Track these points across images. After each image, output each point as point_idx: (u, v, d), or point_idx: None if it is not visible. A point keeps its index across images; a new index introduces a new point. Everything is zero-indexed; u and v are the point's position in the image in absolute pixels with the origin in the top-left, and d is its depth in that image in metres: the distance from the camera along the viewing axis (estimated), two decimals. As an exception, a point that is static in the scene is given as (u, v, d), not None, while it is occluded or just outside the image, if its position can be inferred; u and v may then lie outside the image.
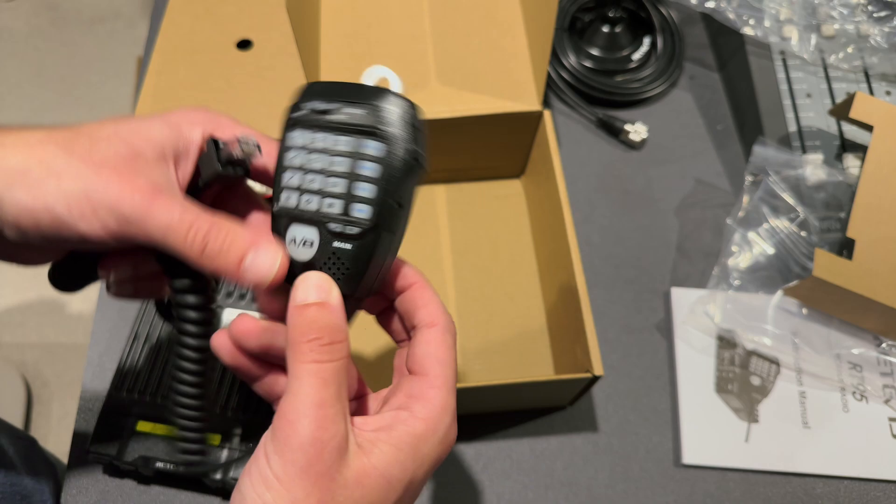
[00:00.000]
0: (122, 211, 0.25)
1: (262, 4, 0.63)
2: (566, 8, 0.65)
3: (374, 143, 0.25)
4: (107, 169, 0.25)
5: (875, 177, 0.48)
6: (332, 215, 0.26)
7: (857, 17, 0.57)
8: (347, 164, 0.25)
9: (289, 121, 0.27)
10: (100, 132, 0.26)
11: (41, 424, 1.10)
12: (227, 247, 0.26)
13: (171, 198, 0.26)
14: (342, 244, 0.26)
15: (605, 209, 0.58)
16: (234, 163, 0.28)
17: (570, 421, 0.49)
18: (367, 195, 0.25)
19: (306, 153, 0.26)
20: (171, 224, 0.25)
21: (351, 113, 0.26)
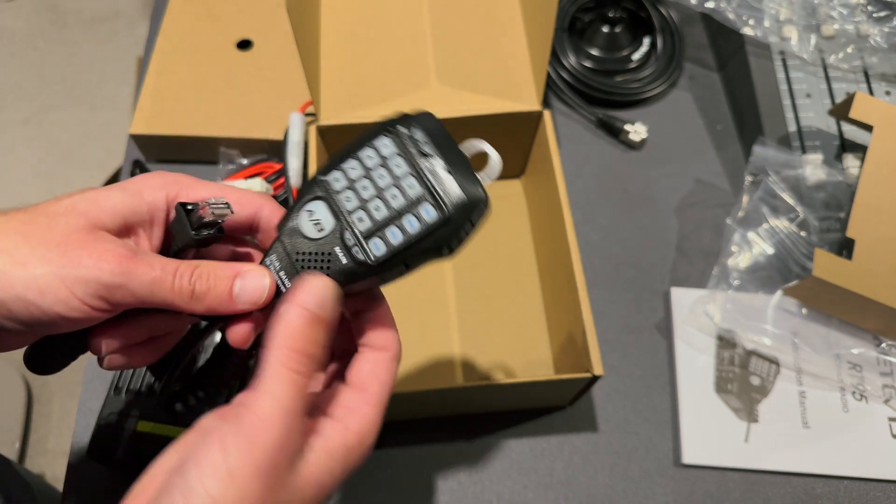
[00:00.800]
0: (102, 280, 0.24)
1: (262, 4, 0.63)
2: (566, 8, 0.65)
3: (433, 212, 0.26)
4: (71, 246, 0.25)
5: (875, 177, 0.48)
6: (356, 228, 0.26)
7: (856, 17, 0.57)
8: (400, 204, 0.26)
9: (389, 126, 0.27)
10: (56, 208, 0.26)
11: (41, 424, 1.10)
12: (213, 283, 0.26)
13: (148, 256, 0.26)
14: (341, 254, 0.26)
15: (605, 209, 0.58)
16: (206, 226, 0.28)
17: (570, 421, 0.49)
18: (392, 242, 0.26)
19: (380, 164, 0.27)
20: (154, 277, 0.25)
21: (437, 171, 0.26)
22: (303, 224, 0.27)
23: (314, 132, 0.49)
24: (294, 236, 0.27)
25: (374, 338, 0.28)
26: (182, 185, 0.29)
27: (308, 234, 0.27)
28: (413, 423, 0.48)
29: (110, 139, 1.41)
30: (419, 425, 0.48)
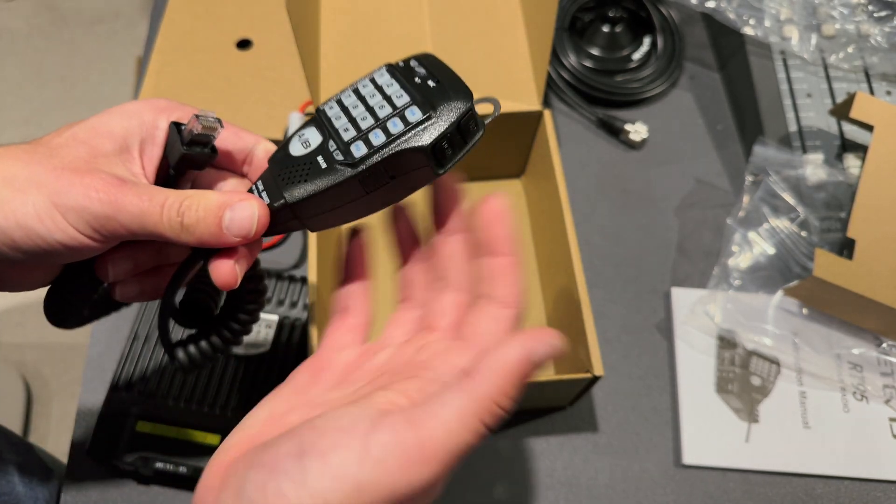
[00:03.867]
0: (92, 210, 0.24)
1: (262, 4, 0.63)
2: (566, 8, 0.65)
3: (417, 112, 0.25)
4: (67, 172, 0.25)
5: (875, 177, 0.48)
6: (341, 137, 0.26)
7: (857, 16, 0.57)
8: (386, 113, 0.26)
9: (391, 64, 0.28)
10: (57, 139, 0.26)
11: (41, 424, 1.10)
12: (202, 214, 0.26)
13: (137, 185, 0.25)
14: (321, 161, 0.26)
15: (606, 209, 0.58)
16: (197, 141, 0.28)
17: (570, 421, 0.49)
18: (374, 142, 0.25)
19: (373, 88, 0.27)
20: (142, 209, 0.25)
21: (428, 84, 0.26)
22: (292, 146, 0.27)
23: (314, 132, 0.49)
24: (281, 158, 0.27)
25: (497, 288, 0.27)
26: (184, 111, 0.29)
27: (294, 153, 0.27)
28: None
29: (110, 139, 1.41)
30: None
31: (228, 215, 0.26)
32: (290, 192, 0.26)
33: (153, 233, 0.25)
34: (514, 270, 0.28)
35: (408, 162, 0.25)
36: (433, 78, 0.26)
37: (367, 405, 0.23)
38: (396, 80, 0.27)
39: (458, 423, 0.21)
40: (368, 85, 0.27)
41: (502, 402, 0.21)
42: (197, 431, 0.44)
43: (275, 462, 0.21)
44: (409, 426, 0.20)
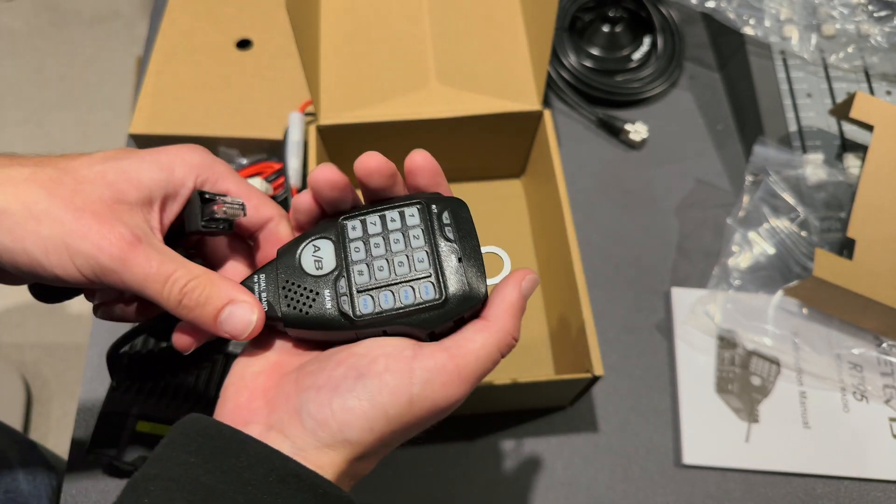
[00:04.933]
0: (99, 261, 0.25)
1: (262, 4, 0.63)
2: (566, 8, 0.65)
3: (431, 293, 0.26)
4: (87, 214, 0.25)
5: (875, 177, 0.48)
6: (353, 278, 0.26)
7: (857, 16, 0.57)
8: (403, 273, 0.26)
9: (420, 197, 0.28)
10: (86, 172, 0.26)
11: (41, 424, 1.10)
12: (203, 300, 0.26)
13: (150, 247, 0.26)
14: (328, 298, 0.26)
15: (606, 209, 0.58)
16: (216, 220, 0.28)
17: (570, 421, 0.49)
18: (382, 305, 0.26)
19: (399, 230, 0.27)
20: (147, 276, 0.25)
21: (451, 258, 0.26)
22: (304, 256, 0.27)
23: (314, 132, 0.49)
24: (290, 263, 0.27)
25: None
26: (214, 171, 0.29)
27: (305, 267, 0.27)
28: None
29: (110, 139, 1.41)
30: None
31: (227, 311, 0.27)
32: (288, 315, 0.27)
33: (151, 297, 0.26)
34: None
35: (406, 332, 0.27)
36: (458, 248, 0.26)
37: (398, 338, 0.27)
38: (423, 230, 0.27)
39: (485, 353, 0.26)
40: (396, 219, 0.27)
41: (514, 334, 0.27)
42: (197, 431, 0.44)
43: (334, 383, 0.25)
44: (447, 355, 0.25)
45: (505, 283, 0.27)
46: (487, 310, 0.27)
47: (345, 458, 0.24)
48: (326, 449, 0.24)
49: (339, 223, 0.27)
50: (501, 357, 0.27)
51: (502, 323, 0.26)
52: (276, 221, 0.31)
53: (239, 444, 0.24)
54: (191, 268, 0.27)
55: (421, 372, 0.25)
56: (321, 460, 0.24)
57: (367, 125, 0.50)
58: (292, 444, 0.24)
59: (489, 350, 0.26)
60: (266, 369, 0.27)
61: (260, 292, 0.27)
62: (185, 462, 0.23)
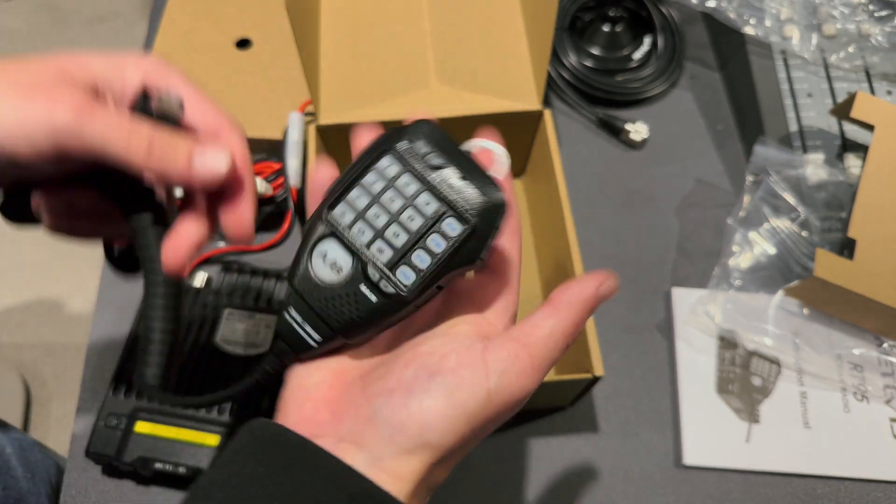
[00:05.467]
0: (55, 121, 0.23)
1: (262, 4, 0.63)
2: (566, 7, 0.64)
3: (457, 226, 0.24)
4: (36, 88, 0.24)
5: (876, 176, 0.48)
6: (377, 261, 0.24)
7: (858, 16, 0.57)
8: (420, 225, 0.24)
9: (384, 143, 0.25)
10: (34, 58, 0.25)
11: (40, 424, 1.10)
12: (172, 148, 0.25)
13: (106, 108, 0.25)
14: (368, 293, 0.24)
15: (606, 209, 0.58)
16: (161, 118, 0.27)
17: (570, 421, 0.49)
18: (421, 267, 0.24)
19: (387, 188, 0.24)
20: (110, 129, 0.24)
21: (451, 181, 0.24)
22: (318, 269, 0.25)
23: (313, 132, 0.49)
24: (310, 284, 0.25)
25: None
26: (166, 76, 0.28)
27: (326, 279, 0.25)
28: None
29: (110, 139, 1.41)
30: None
31: (199, 155, 0.26)
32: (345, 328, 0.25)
33: (115, 154, 0.24)
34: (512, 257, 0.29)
35: (459, 275, 0.25)
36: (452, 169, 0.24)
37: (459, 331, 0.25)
38: (410, 172, 0.24)
39: (553, 340, 0.25)
40: (378, 180, 0.24)
41: (580, 326, 0.26)
42: (196, 432, 0.44)
43: (406, 384, 0.23)
44: (519, 345, 0.24)
45: (585, 277, 0.27)
46: (558, 296, 0.26)
47: (425, 464, 0.23)
48: (406, 455, 0.23)
49: (326, 218, 0.25)
50: (567, 347, 0.26)
51: (570, 311, 0.25)
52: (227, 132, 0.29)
53: (311, 457, 0.22)
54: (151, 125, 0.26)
55: (495, 363, 0.23)
56: (401, 468, 0.22)
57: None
58: (369, 454, 0.22)
59: (557, 337, 0.25)
60: (328, 379, 0.25)
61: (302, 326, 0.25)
62: (253, 471, 0.22)
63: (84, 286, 1.22)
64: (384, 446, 0.22)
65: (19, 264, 1.24)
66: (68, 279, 1.23)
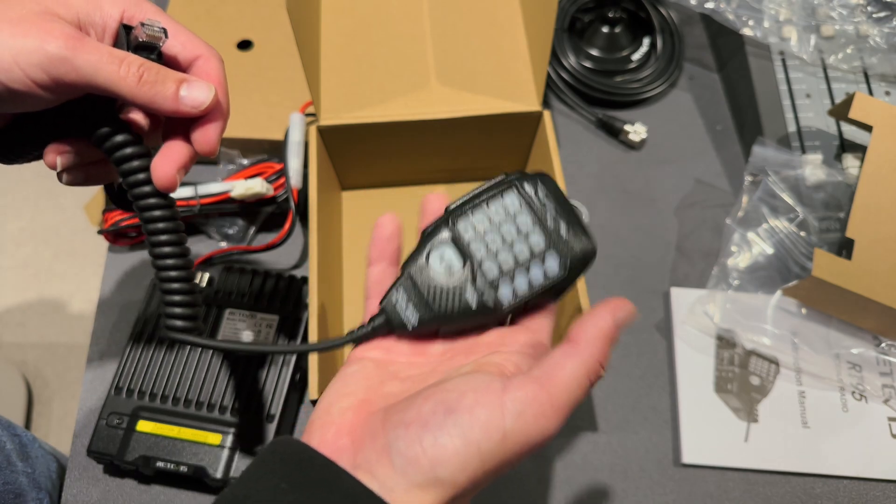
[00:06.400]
0: (47, 51, 0.24)
1: (263, 5, 0.63)
2: (566, 8, 0.65)
3: (556, 267, 0.28)
4: (25, 22, 0.25)
5: (874, 177, 0.48)
6: (487, 275, 0.28)
7: (856, 17, 0.57)
8: (525, 257, 0.28)
9: (517, 182, 0.29)
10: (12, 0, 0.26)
11: (41, 424, 1.10)
12: (162, 77, 0.27)
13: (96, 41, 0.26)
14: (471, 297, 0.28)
15: (605, 209, 0.58)
16: (143, 48, 0.28)
17: (569, 421, 0.49)
18: (518, 291, 0.28)
19: (505, 215, 0.29)
20: (101, 58, 0.25)
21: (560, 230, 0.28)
22: (434, 265, 0.29)
23: (314, 132, 0.49)
24: (424, 275, 0.29)
25: None
26: (141, 8, 0.29)
27: (440, 274, 0.29)
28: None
29: (111, 139, 1.41)
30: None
31: (186, 86, 0.27)
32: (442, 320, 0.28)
33: (106, 83, 0.26)
34: None
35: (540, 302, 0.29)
36: (560, 218, 0.29)
37: (484, 371, 0.25)
38: (525, 209, 0.29)
39: (575, 381, 0.24)
40: (500, 212, 0.29)
41: (603, 363, 0.25)
42: (197, 431, 0.44)
43: (423, 420, 0.23)
44: (538, 386, 0.24)
45: (598, 309, 0.26)
46: (577, 333, 0.26)
47: (435, 500, 0.23)
48: (417, 490, 0.23)
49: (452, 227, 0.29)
50: (591, 386, 0.25)
51: (592, 349, 0.25)
52: (206, 58, 0.30)
53: (333, 477, 0.22)
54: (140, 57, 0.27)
55: (513, 404, 0.23)
56: (411, 502, 0.23)
57: (368, 125, 0.50)
58: (381, 485, 0.23)
59: (579, 377, 0.24)
60: (354, 405, 0.26)
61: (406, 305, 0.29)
62: (276, 487, 0.22)
63: (85, 286, 1.22)
64: (396, 478, 0.23)
65: (21, 264, 1.25)
66: (70, 279, 1.23)
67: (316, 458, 0.23)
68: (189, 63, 0.30)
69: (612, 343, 0.26)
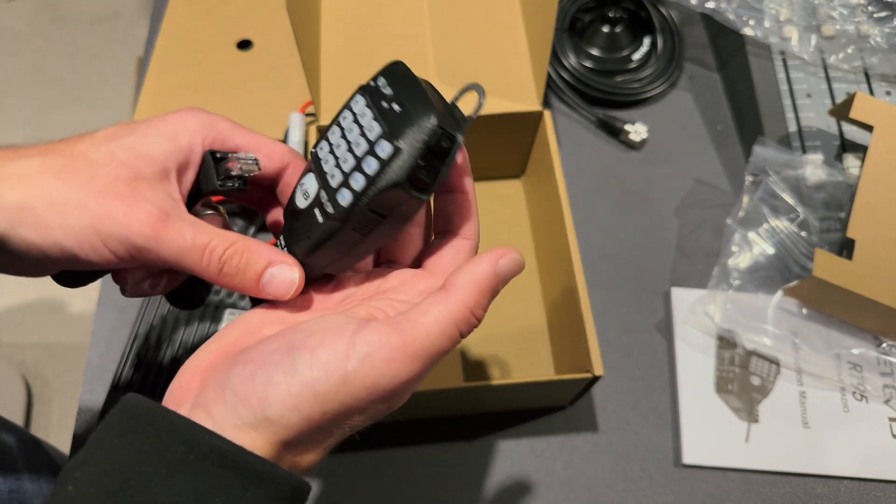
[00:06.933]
0: (133, 241, 0.25)
1: (262, 4, 0.63)
2: (566, 8, 0.65)
3: (387, 146, 0.24)
4: (110, 197, 0.25)
5: (875, 177, 0.48)
6: (330, 184, 0.26)
7: (857, 17, 0.57)
8: (363, 149, 0.25)
9: (364, 86, 0.27)
10: (96, 155, 0.26)
11: (41, 424, 1.10)
12: (244, 266, 0.26)
13: (180, 220, 0.26)
14: (318, 215, 0.26)
15: (605, 209, 0.58)
16: (232, 178, 0.28)
17: (570, 421, 0.49)
18: (355, 188, 0.25)
19: (352, 120, 0.26)
20: (184, 248, 0.25)
21: (393, 108, 0.25)
22: (296, 198, 0.27)
23: (314, 132, 0.49)
24: (291, 211, 0.27)
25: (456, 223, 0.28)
26: (218, 130, 0.29)
27: (299, 206, 0.27)
28: (413, 423, 0.48)
29: (110, 139, 1.41)
30: (419, 425, 0.48)
31: (269, 273, 0.26)
32: (301, 251, 0.27)
33: (190, 269, 0.26)
34: (471, 205, 0.29)
35: (391, 199, 0.25)
36: (397, 99, 0.25)
37: (350, 314, 0.25)
38: (369, 106, 0.26)
39: (438, 328, 0.23)
40: (348, 116, 0.27)
41: (476, 311, 0.24)
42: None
43: (262, 357, 0.23)
44: (393, 329, 0.23)
45: (478, 257, 0.25)
46: (451, 280, 0.24)
47: (268, 441, 0.22)
48: (248, 429, 0.22)
49: (312, 152, 0.27)
50: (461, 335, 0.24)
51: (462, 295, 0.24)
52: (294, 166, 0.30)
53: (159, 420, 0.22)
54: (225, 235, 0.26)
55: (360, 346, 0.22)
56: (241, 441, 0.22)
57: None
58: (213, 423, 0.22)
59: (444, 325, 0.23)
60: (220, 348, 0.26)
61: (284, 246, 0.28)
62: (112, 444, 0.21)
63: (85, 286, 1.22)
64: (228, 416, 0.22)
65: (20, 264, 1.24)
66: (69, 279, 1.23)
67: (145, 407, 0.22)
68: (277, 173, 0.30)
69: (490, 292, 0.25)
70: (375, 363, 0.22)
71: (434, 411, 0.48)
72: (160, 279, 0.31)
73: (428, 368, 0.23)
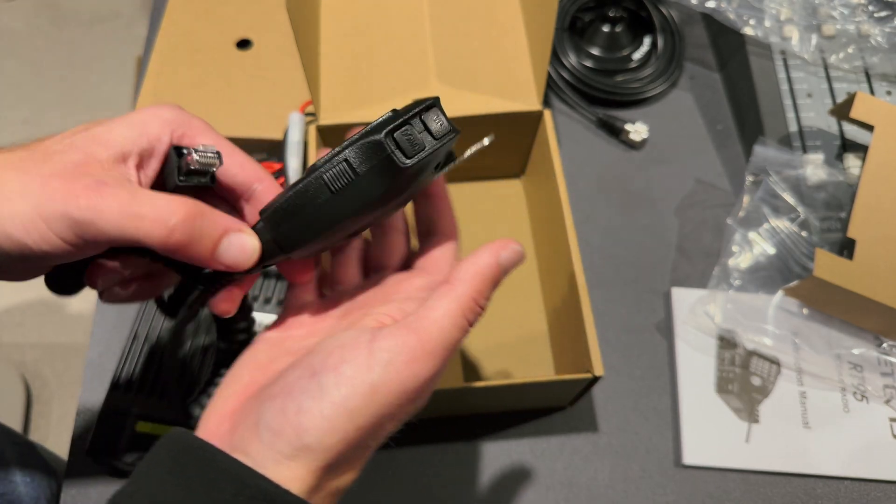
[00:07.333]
0: (72, 215, 0.23)
1: (262, 4, 0.63)
2: (566, 8, 0.65)
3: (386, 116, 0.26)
4: (54, 179, 0.24)
5: (876, 177, 0.48)
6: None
7: (857, 17, 0.57)
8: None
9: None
10: (56, 145, 0.25)
11: (41, 424, 1.10)
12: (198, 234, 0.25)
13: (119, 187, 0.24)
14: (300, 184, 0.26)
15: (606, 209, 0.58)
16: (195, 174, 0.27)
17: (570, 421, 0.49)
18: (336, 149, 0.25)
19: None
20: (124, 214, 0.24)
21: None
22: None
23: (314, 132, 0.49)
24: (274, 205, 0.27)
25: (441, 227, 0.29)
26: (191, 126, 0.28)
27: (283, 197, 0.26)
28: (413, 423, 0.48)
29: (110, 139, 1.41)
30: (419, 425, 0.48)
31: (226, 241, 0.25)
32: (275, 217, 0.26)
33: (134, 239, 0.24)
34: (447, 206, 0.30)
35: (366, 152, 0.24)
36: None
37: (360, 326, 0.25)
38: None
39: (449, 321, 0.24)
40: None
41: (480, 301, 0.25)
42: (197, 431, 0.44)
43: (288, 387, 0.23)
44: (407, 331, 0.23)
45: (480, 249, 0.26)
46: (454, 273, 0.25)
47: (309, 470, 0.22)
48: (287, 462, 0.22)
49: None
50: (469, 325, 0.25)
51: (466, 286, 0.24)
52: (266, 183, 0.29)
53: (209, 458, 0.22)
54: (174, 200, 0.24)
55: (380, 354, 0.22)
56: (282, 475, 0.21)
57: None
58: (253, 463, 0.22)
59: (452, 316, 0.24)
60: (238, 391, 0.26)
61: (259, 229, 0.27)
62: (161, 478, 0.22)
63: (84, 286, 1.22)
64: (265, 453, 0.22)
65: (19, 264, 1.24)
66: (68, 279, 1.23)
67: (194, 443, 0.22)
68: (245, 187, 0.29)
69: (492, 282, 0.25)
70: (398, 367, 0.22)
71: (434, 412, 0.48)
72: (130, 285, 0.30)
73: (446, 361, 0.24)
